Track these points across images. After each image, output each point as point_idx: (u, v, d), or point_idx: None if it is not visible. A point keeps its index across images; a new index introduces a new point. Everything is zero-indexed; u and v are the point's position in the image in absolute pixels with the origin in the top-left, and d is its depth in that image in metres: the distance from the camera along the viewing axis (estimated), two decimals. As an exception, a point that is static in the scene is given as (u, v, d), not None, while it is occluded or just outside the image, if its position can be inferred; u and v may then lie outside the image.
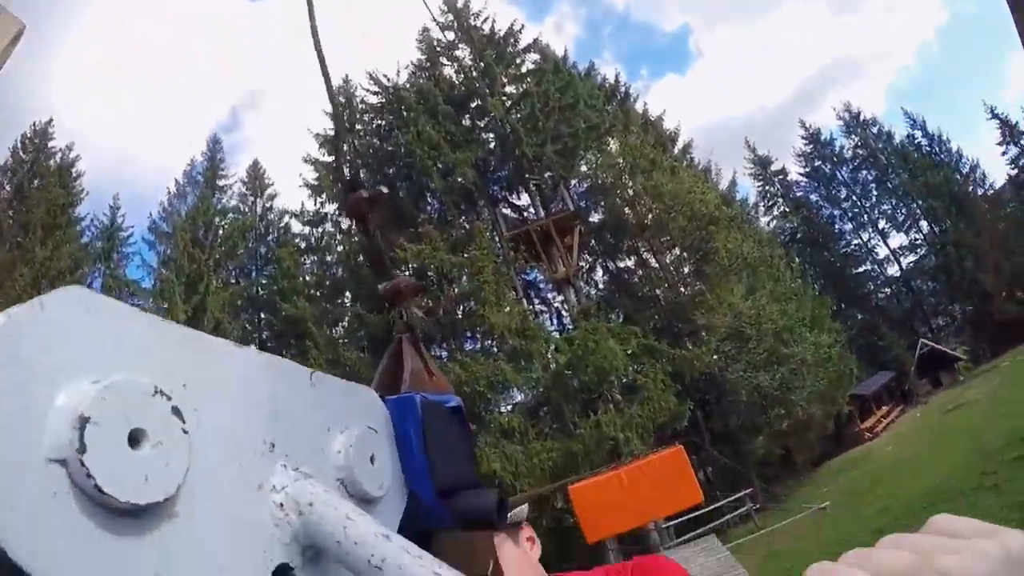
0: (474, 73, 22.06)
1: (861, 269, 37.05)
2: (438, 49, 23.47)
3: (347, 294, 21.53)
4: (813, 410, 21.28)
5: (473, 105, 21.88)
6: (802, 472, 22.49)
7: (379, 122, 23.39)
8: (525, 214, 21.47)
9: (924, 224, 34.74)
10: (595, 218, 21.87)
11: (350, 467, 0.39)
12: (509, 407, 17.52)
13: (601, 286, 21.70)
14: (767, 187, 36.90)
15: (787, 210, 36.00)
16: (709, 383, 20.02)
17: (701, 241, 20.89)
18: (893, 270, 36.70)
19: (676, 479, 7.25)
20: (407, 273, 14.49)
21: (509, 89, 22.18)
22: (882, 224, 36.81)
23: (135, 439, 0.27)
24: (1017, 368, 20.54)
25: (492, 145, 21.63)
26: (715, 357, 19.69)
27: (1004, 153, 33.58)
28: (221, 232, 27.24)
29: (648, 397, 16.98)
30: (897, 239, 35.98)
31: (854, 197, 37.58)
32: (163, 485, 0.27)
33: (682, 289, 20.86)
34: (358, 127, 22.97)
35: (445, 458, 0.48)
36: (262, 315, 25.14)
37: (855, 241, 37.50)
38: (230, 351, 0.34)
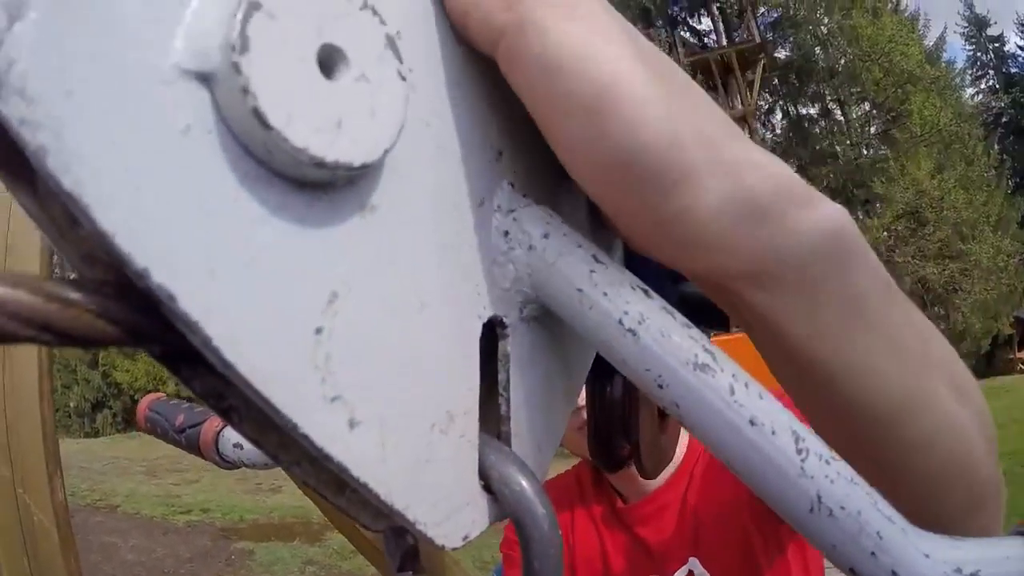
0: None
1: (1062, 178, 31.52)
2: None
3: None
4: (973, 321, 19.32)
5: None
6: (943, 383, 20.83)
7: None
8: (705, 40, 19.11)
9: None
10: (781, 55, 19.23)
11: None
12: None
13: (778, 131, 19.41)
14: (978, 53, 30.69)
15: (996, 86, 30.18)
16: (873, 261, 18.35)
17: (895, 100, 18.67)
18: (1103, 192, 30.95)
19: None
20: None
21: None
22: (1102, 135, 30.48)
23: (329, 62, 0.15)
24: None
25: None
26: (885, 234, 17.88)
27: None
28: None
29: (808, 262, 15.77)
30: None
31: (1079, 92, 30.93)
32: (364, 142, 0.15)
33: (864, 151, 18.66)
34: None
35: None
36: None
37: (1064, 143, 31.56)
38: None
